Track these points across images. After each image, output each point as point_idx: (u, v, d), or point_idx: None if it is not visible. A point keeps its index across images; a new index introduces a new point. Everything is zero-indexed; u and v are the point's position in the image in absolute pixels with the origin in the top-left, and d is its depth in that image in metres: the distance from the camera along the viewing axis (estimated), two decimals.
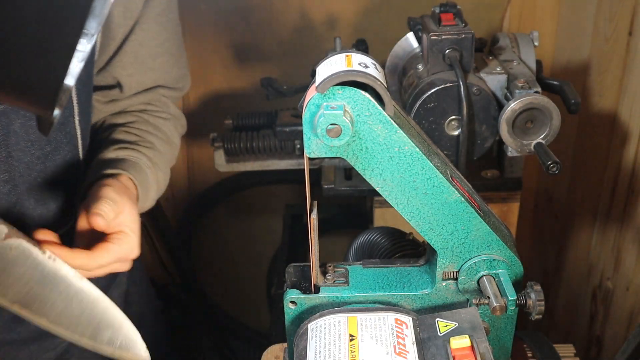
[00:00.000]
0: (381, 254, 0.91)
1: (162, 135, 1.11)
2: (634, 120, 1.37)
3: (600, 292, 1.59)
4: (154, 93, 1.11)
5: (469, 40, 1.08)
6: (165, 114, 1.13)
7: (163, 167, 1.09)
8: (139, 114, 1.10)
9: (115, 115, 1.10)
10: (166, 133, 1.12)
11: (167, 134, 1.12)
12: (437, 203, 0.70)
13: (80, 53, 0.54)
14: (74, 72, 0.55)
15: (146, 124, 1.10)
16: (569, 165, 1.66)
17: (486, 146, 1.12)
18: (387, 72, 1.25)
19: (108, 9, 0.53)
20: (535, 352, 0.92)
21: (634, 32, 1.35)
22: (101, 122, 1.10)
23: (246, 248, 2.07)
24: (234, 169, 1.48)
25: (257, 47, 1.73)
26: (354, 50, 0.69)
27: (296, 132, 1.39)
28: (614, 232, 1.50)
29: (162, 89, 1.12)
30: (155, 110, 1.12)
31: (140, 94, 1.09)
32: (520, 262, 0.74)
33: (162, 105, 1.13)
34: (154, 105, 1.12)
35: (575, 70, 1.58)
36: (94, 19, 0.53)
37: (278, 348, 0.95)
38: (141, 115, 1.10)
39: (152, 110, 1.12)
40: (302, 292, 0.76)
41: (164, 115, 1.13)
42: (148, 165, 1.03)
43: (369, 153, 0.67)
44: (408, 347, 0.65)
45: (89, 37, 0.53)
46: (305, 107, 0.66)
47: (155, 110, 1.12)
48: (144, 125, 1.09)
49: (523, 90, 1.06)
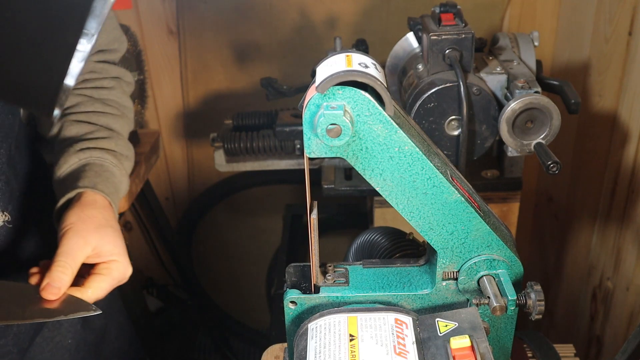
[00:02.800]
0: (381, 254, 0.91)
1: (114, 110, 1.07)
2: (634, 120, 1.37)
3: (600, 292, 1.59)
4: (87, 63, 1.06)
5: (469, 40, 1.08)
6: (108, 80, 1.08)
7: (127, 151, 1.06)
8: (82, 91, 1.05)
9: None
10: (117, 102, 1.08)
11: (119, 103, 1.08)
12: (437, 203, 0.70)
13: (80, 53, 0.54)
14: (74, 72, 0.55)
15: (93, 102, 1.05)
16: (569, 165, 1.66)
17: (486, 146, 1.12)
18: (387, 72, 1.25)
19: (108, 9, 0.53)
20: (535, 352, 0.92)
21: (634, 32, 1.35)
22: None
23: (246, 248, 2.08)
24: (234, 169, 1.48)
25: (257, 47, 1.73)
26: (354, 50, 0.69)
27: (296, 132, 1.39)
28: (614, 232, 1.50)
29: (94, 55, 1.06)
30: (96, 78, 1.07)
31: None
32: (520, 262, 0.74)
33: (102, 71, 1.08)
34: (93, 73, 1.07)
35: (575, 70, 1.58)
36: (94, 19, 0.53)
37: (278, 348, 0.95)
38: (84, 92, 1.05)
39: (93, 79, 1.06)
40: (302, 292, 0.76)
41: (106, 84, 1.07)
42: (114, 163, 1.01)
43: (369, 153, 0.67)
44: (408, 347, 0.65)
45: (89, 37, 0.53)
46: (305, 107, 0.66)
47: (96, 78, 1.07)
48: (91, 106, 1.04)
49: (523, 90, 1.06)
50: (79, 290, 0.84)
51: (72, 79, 0.55)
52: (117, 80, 1.10)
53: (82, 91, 1.05)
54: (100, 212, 0.92)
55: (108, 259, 0.88)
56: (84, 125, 1.02)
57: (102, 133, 1.03)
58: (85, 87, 1.06)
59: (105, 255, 0.87)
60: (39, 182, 1.05)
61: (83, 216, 0.89)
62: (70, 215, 0.89)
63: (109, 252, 0.88)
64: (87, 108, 1.04)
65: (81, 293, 0.84)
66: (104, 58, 1.08)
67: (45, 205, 1.05)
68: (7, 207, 0.93)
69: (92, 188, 0.94)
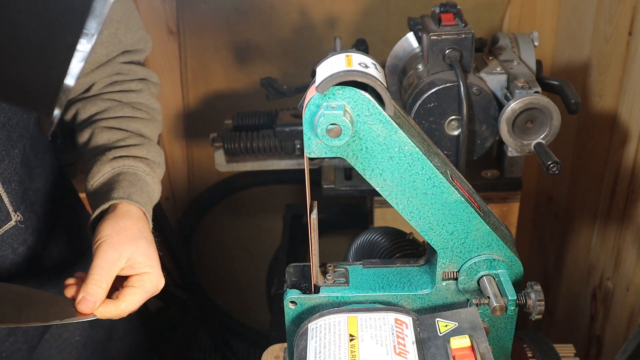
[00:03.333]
0: (381, 254, 0.91)
1: (143, 114, 1.05)
2: (634, 120, 1.37)
3: (600, 292, 1.59)
4: (113, 64, 1.04)
5: (469, 40, 1.08)
6: (136, 82, 1.06)
7: (159, 157, 1.04)
8: (110, 94, 1.04)
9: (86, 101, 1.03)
10: (146, 105, 1.06)
11: (148, 106, 1.07)
12: (437, 203, 0.70)
13: (80, 53, 0.54)
14: (74, 72, 0.55)
15: (122, 107, 1.03)
16: (569, 165, 1.66)
17: (486, 146, 1.12)
18: (387, 72, 1.25)
19: (108, 9, 0.53)
20: (535, 352, 0.92)
21: (634, 32, 1.35)
22: (74, 112, 1.04)
23: (246, 248, 2.08)
24: (234, 169, 1.48)
25: (257, 47, 1.73)
26: (354, 50, 0.69)
27: (296, 132, 1.39)
28: (614, 232, 1.50)
29: (120, 57, 1.05)
30: (124, 80, 1.05)
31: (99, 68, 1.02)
32: (520, 262, 0.74)
33: (129, 72, 1.06)
34: (121, 75, 1.05)
35: (575, 70, 1.58)
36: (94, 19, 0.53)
37: (278, 348, 0.95)
38: (113, 97, 1.04)
39: (121, 81, 1.05)
40: (302, 292, 0.76)
41: (134, 86, 1.06)
42: (147, 171, 1.00)
43: (369, 153, 0.67)
44: (408, 347, 0.65)
45: (89, 37, 0.53)
46: (306, 107, 0.66)
47: (124, 80, 1.05)
48: (121, 111, 1.03)
49: (523, 90, 1.06)
50: (114, 303, 0.84)
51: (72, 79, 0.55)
52: (145, 82, 1.09)
53: (111, 95, 1.04)
54: (134, 223, 0.91)
55: (141, 271, 0.87)
56: (115, 132, 1.01)
57: (134, 140, 1.01)
58: (113, 90, 1.04)
59: (139, 267, 0.87)
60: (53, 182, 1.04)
61: (117, 228, 0.88)
62: (105, 227, 0.88)
63: (142, 264, 0.87)
64: (117, 113, 1.03)
65: (115, 306, 0.84)
66: (130, 59, 1.07)
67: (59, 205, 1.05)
68: (20, 207, 0.93)
69: (126, 199, 0.93)
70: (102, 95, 1.04)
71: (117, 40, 1.02)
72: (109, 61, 1.03)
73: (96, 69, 1.02)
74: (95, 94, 1.04)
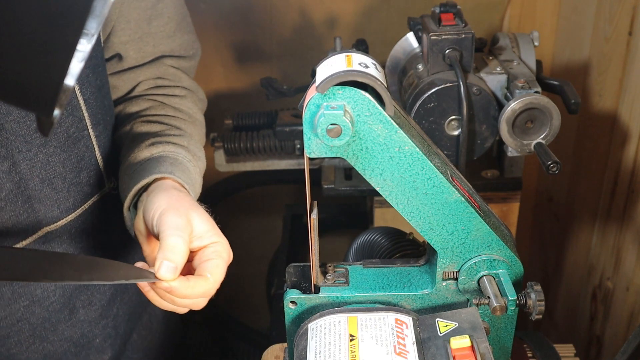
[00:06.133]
0: (381, 254, 0.91)
1: (185, 116, 1.02)
2: (634, 120, 1.37)
3: (600, 292, 1.59)
4: (160, 64, 1.02)
5: (469, 40, 1.08)
6: (180, 89, 1.04)
7: (199, 152, 0.99)
8: (153, 96, 1.01)
9: (128, 102, 1.02)
10: (188, 113, 1.03)
11: (189, 113, 1.03)
12: (437, 203, 0.70)
13: (80, 53, 0.54)
14: (74, 72, 0.55)
15: (164, 107, 1.01)
16: (569, 165, 1.66)
17: (486, 146, 1.12)
18: (387, 72, 1.25)
19: (108, 9, 0.53)
20: (535, 352, 0.92)
21: (634, 32, 1.35)
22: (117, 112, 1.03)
23: (246, 248, 2.07)
24: (234, 169, 1.48)
25: (257, 47, 1.73)
26: (354, 50, 0.69)
27: (296, 132, 1.39)
28: (614, 232, 1.50)
29: (168, 59, 1.02)
30: (168, 85, 1.03)
31: (145, 66, 1.01)
32: (520, 262, 0.74)
33: (174, 78, 1.03)
34: (165, 80, 1.02)
35: (575, 70, 1.58)
36: (94, 19, 0.53)
37: (278, 348, 0.95)
38: (155, 98, 1.01)
39: (165, 86, 1.02)
40: (302, 292, 0.76)
41: (178, 92, 1.03)
42: (188, 158, 0.93)
43: (369, 153, 0.67)
44: (408, 347, 0.65)
45: (89, 37, 0.53)
46: (306, 107, 0.66)
47: (168, 85, 1.03)
48: (162, 110, 1.00)
49: (523, 90, 1.06)
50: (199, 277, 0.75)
51: (72, 79, 0.55)
52: (189, 91, 1.05)
53: (153, 97, 1.01)
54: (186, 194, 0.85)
55: (210, 241, 0.78)
56: (154, 125, 0.97)
57: (175, 132, 0.97)
58: (156, 93, 1.02)
59: (207, 237, 0.78)
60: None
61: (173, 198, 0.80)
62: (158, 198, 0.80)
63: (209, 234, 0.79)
64: (158, 112, 0.99)
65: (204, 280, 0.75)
66: (177, 64, 1.04)
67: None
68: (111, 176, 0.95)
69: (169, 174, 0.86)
70: (145, 96, 1.02)
71: (165, 34, 0.99)
72: (156, 60, 1.01)
73: (142, 66, 1.00)
74: (138, 94, 1.02)
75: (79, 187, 0.91)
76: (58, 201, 0.89)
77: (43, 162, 0.85)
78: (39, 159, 0.85)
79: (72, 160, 0.89)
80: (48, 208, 0.88)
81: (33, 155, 0.84)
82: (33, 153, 0.84)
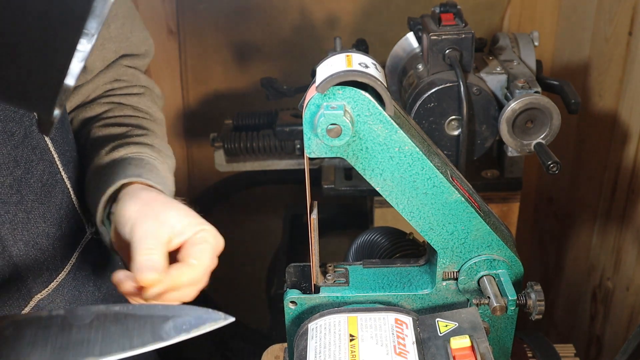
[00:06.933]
0: (381, 254, 0.91)
1: (145, 115, 0.97)
2: (634, 120, 1.37)
3: (600, 292, 1.59)
4: (117, 66, 0.96)
5: (469, 40, 1.08)
6: (137, 87, 0.98)
7: (166, 149, 0.95)
8: (110, 98, 0.95)
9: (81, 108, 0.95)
10: (147, 112, 0.98)
11: (149, 112, 0.98)
12: (437, 203, 0.70)
13: (80, 53, 0.54)
14: (74, 72, 0.55)
15: (122, 108, 0.95)
16: (569, 165, 1.66)
17: (486, 146, 1.12)
18: (387, 72, 1.25)
19: (108, 9, 0.53)
20: (535, 352, 0.92)
21: (634, 32, 1.35)
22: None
23: (246, 248, 2.07)
24: (234, 169, 1.48)
25: (257, 47, 1.73)
26: (354, 50, 0.69)
27: (296, 132, 1.39)
28: (614, 232, 1.50)
29: (125, 59, 0.97)
30: (125, 86, 0.97)
31: (103, 72, 0.95)
32: (520, 262, 0.74)
33: (131, 77, 0.98)
34: (121, 81, 0.97)
35: (575, 70, 1.58)
36: (94, 19, 0.53)
37: (278, 348, 0.95)
38: (112, 99, 0.95)
39: (121, 87, 0.96)
40: (302, 292, 0.76)
41: (136, 91, 0.97)
42: (154, 156, 0.89)
43: (369, 153, 0.67)
44: (408, 347, 0.65)
45: (89, 37, 0.53)
46: (306, 107, 0.66)
47: (125, 86, 0.97)
48: (120, 111, 0.94)
49: (523, 90, 1.06)
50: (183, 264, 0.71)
51: (72, 79, 0.55)
52: (146, 89, 1.01)
53: (110, 98, 0.96)
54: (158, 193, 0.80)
55: (192, 232, 0.74)
56: (114, 127, 0.91)
57: (137, 131, 0.91)
58: (112, 94, 0.96)
59: (188, 230, 0.74)
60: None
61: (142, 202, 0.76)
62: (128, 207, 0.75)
63: (190, 225, 0.74)
64: (116, 113, 0.94)
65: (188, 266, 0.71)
66: (133, 64, 0.99)
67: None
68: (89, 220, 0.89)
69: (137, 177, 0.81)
70: (99, 99, 0.96)
71: (124, 36, 0.94)
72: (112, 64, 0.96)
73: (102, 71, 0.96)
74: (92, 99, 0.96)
75: (63, 240, 0.83)
76: (46, 262, 0.81)
77: (24, 222, 0.77)
78: (19, 219, 0.76)
79: (52, 212, 0.81)
80: (36, 273, 0.80)
81: (12, 216, 0.75)
82: (12, 214, 0.75)
